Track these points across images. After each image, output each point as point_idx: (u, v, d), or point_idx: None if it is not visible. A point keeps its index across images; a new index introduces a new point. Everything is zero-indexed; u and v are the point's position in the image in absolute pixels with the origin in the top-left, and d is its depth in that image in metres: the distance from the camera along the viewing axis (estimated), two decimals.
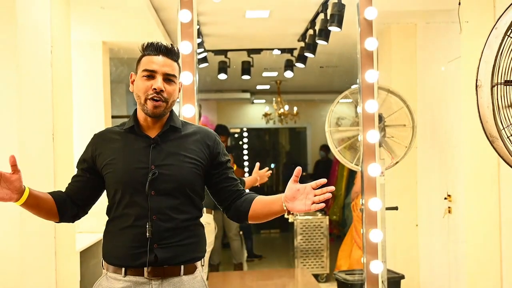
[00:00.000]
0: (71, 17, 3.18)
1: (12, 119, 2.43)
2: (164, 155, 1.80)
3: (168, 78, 1.80)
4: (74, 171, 1.91)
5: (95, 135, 1.91)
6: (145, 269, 1.76)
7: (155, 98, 1.77)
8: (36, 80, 2.72)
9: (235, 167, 5.47)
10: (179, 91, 1.88)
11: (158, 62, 1.79)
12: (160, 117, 1.82)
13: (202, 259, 1.87)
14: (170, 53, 1.82)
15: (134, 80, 1.85)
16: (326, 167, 7.67)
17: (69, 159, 3.04)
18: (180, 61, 1.89)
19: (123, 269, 1.78)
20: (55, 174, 2.88)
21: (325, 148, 7.72)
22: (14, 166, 1.67)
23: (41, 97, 2.78)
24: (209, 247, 4.40)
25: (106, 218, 1.86)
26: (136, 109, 1.87)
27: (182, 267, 1.80)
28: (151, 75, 1.79)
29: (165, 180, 1.77)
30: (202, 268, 1.87)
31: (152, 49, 1.81)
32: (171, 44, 1.84)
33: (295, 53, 5.12)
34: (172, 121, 1.86)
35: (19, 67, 2.46)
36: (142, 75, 1.80)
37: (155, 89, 1.77)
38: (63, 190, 1.90)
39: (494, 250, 3.48)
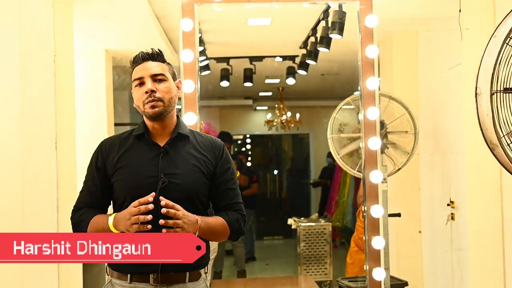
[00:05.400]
0: (74, 26, 3.21)
1: (15, 127, 2.45)
2: (173, 164, 1.82)
3: (157, 79, 1.84)
4: (77, 179, 1.92)
5: (102, 142, 1.92)
6: (151, 275, 1.77)
7: (149, 100, 1.81)
8: (39, 89, 2.74)
9: (238, 174, 5.48)
10: (179, 89, 1.92)
11: (143, 68, 1.85)
12: (162, 117, 1.84)
13: (206, 267, 1.89)
14: (152, 57, 1.87)
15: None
16: (331, 174, 7.66)
17: (72, 167, 3.05)
18: (168, 62, 1.92)
19: (129, 275, 1.79)
20: (58, 182, 2.89)
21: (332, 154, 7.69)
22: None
23: (44, 106, 2.80)
24: (213, 254, 4.40)
25: None
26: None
27: (187, 274, 1.81)
28: (141, 82, 1.85)
29: (173, 189, 1.79)
30: (205, 276, 1.89)
31: (135, 60, 1.88)
32: (152, 49, 1.89)
33: (297, 60, 5.14)
34: (180, 129, 1.88)
35: (22, 75, 2.48)
36: (134, 86, 1.87)
37: (146, 92, 1.82)
38: (82, 204, 1.89)
39: (497, 257, 3.47)
